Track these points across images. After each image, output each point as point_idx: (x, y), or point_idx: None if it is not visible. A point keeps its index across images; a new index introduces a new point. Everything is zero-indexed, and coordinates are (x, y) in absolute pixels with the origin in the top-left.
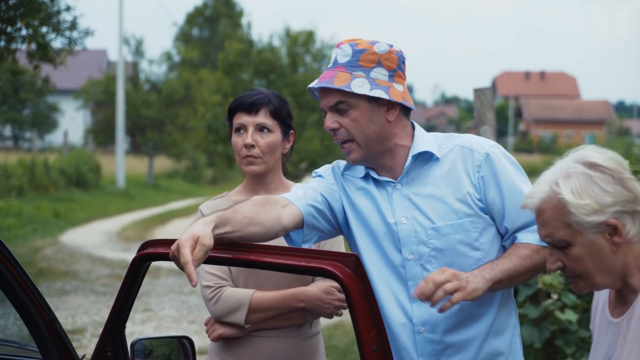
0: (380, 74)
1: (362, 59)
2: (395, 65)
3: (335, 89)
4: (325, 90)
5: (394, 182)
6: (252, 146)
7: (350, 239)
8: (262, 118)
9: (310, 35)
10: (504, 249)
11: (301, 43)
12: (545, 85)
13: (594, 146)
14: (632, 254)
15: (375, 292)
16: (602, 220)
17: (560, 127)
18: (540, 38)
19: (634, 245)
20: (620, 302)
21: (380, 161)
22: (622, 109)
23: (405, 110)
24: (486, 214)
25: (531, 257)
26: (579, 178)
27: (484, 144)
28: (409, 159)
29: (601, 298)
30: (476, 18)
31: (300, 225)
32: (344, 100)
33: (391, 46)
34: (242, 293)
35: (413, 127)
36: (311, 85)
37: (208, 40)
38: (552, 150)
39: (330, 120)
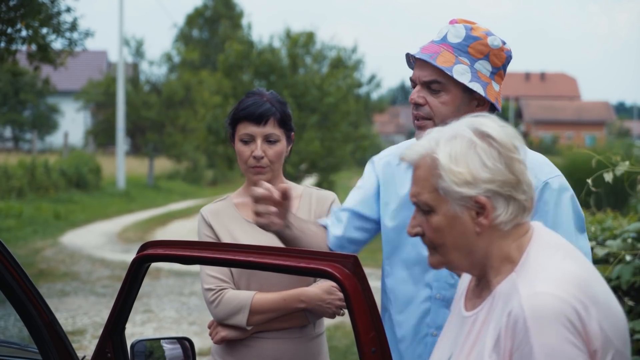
0: (484, 67)
1: (473, 46)
2: (501, 64)
3: (434, 66)
4: (424, 63)
5: None
6: (261, 157)
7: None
8: (271, 129)
9: (310, 37)
10: None
11: (301, 44)
12: (545, 86)
13: (495, 117)
14: (498, 244)
15: (395, 287)
16: (472, 195)
17: (560, 128)
18: (540, 39)
19: (504, 237)
20: (477, 294)
21: None
22: (622, 110)
23: (491, 111)
24: None
25: None
26: (462, 143)
27: (545, 172)
28: None
29: (462, 286)
30: (476, 19)
31: None
32: (440, 81)
33: (504, 43)
34: (243, 295)
35: None
36: (412, 52)
37: (208, 41)
38: (553, 151)
39: (418, 95)
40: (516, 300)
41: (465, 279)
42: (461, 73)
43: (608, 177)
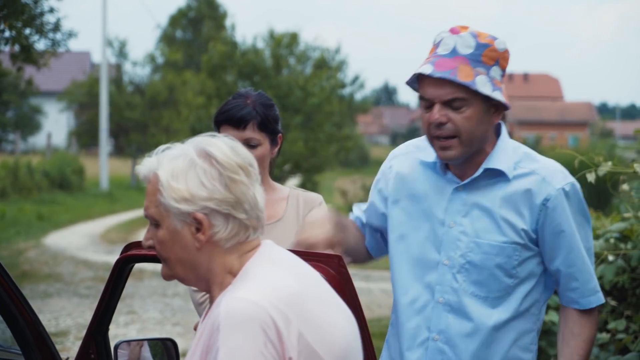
0: (497, 73)
1: (485, 54)
2: (506, 65)
3: (456, 83)
4: (441, 80)
5: (458, 183)
6: None
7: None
8: (250, 133)
9: (294, 37)
10: (545, 282)
11: (285, 45)
12: (528, 87)
13: (229, 139)
14: (219, 260)
15: (395, 286)
16: (189, 211)
17: (543, 128)
18: (523, 40)
19: (226, 253)
20: (208, 313)
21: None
22: (605, 110)
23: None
24: (536, 245)
25: (591, 329)
26: (185, 162)
27: (559, 179)
28: (480, 170)
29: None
30: (460, 20)
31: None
32: (463, 97)
33: (505, 44)
34: None
35: (497, 132)
36: (425, 71)
37: (191, 42)
38: (536, 151)
39: (440, 114)
40: (219, 306)
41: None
42: (483, 84)
43: (591, 177)
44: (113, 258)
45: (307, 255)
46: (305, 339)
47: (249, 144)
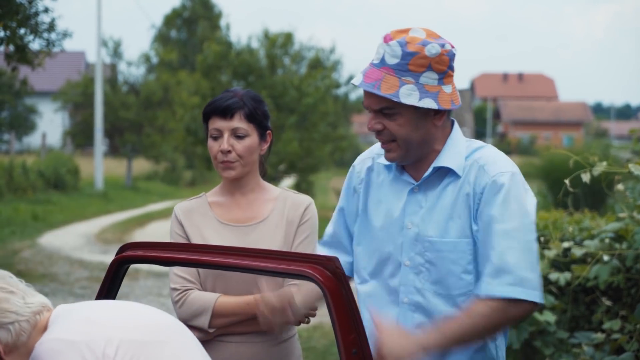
0: (430, 78)
1: (412, 63)
2: (446, 67)
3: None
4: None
5: (413, 184)
6: (229, 152)
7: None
8: (237, 122)
9: (288, 37)
10: None
11: (280, 45)
12: (523, 86)
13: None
14: (21, 357)
15: (362, 290)
16: None
17: (538, 128)
18: (517, 40)
19: (32, 341)
20: None
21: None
22: (599, 110)
23: (450, 111)
24: None
25: (488, 317)
26: None
27: (493, 169)
28: (430, 169)
29: None
30: (453, 20)
31: None
32: (391, 107)
33: (442, 46)
34: (206, 297)
35: (451, 127)
36: (356, 83)
37: (186, 42)
38: (531, 151)
39: (374, 122)
40: None
41: None
42: (408, 95)
43: (585, 177)
44: (108, 258)
45: (303, 256)
46: (120, 338)
47: (237, 135)
